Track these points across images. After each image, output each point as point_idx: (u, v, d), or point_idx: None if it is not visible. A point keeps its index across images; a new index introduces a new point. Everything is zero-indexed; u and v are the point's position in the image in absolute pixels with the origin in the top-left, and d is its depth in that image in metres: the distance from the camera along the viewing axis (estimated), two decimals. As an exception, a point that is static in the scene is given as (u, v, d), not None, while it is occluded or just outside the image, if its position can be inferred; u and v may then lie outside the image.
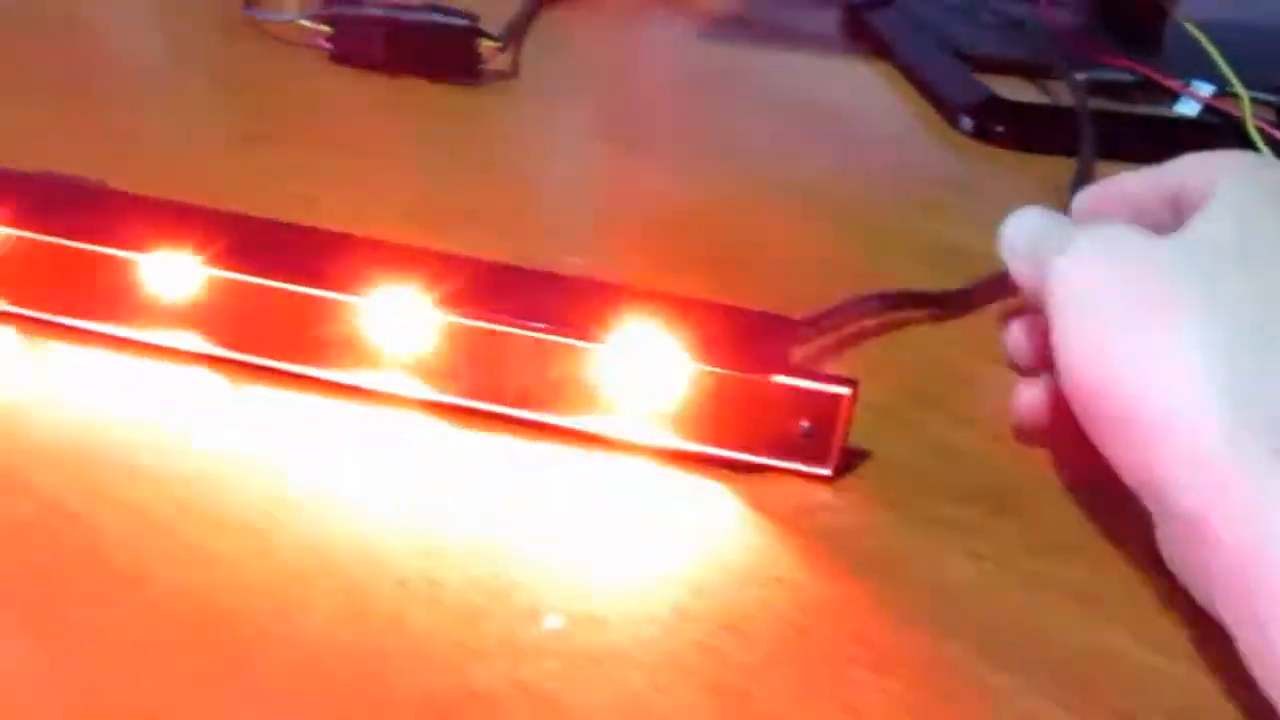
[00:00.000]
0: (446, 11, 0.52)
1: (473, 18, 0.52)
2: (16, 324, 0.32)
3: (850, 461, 0.29)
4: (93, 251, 0.31)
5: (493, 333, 0.29)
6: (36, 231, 0.31)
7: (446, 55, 0.52)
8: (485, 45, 0.53)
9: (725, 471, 0.29)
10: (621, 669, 0.24)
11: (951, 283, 0.38)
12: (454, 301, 0.29)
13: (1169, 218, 0.27)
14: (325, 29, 0.52)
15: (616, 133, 0.51)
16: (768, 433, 0.29)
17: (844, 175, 0.48)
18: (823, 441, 0.29)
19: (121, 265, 0.31)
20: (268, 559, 0.26)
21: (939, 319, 0.37)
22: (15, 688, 0.22)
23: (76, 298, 0.32)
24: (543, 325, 0.29)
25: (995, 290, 0.36)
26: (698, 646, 0.24)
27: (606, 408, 0.30)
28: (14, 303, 0.32)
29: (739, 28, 0.65)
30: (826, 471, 0.29)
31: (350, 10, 0.52)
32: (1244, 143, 0.49)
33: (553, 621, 0.25)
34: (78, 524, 0.26)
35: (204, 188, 0.34)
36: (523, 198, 0.44)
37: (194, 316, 0.31)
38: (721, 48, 0.62)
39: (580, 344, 0.29)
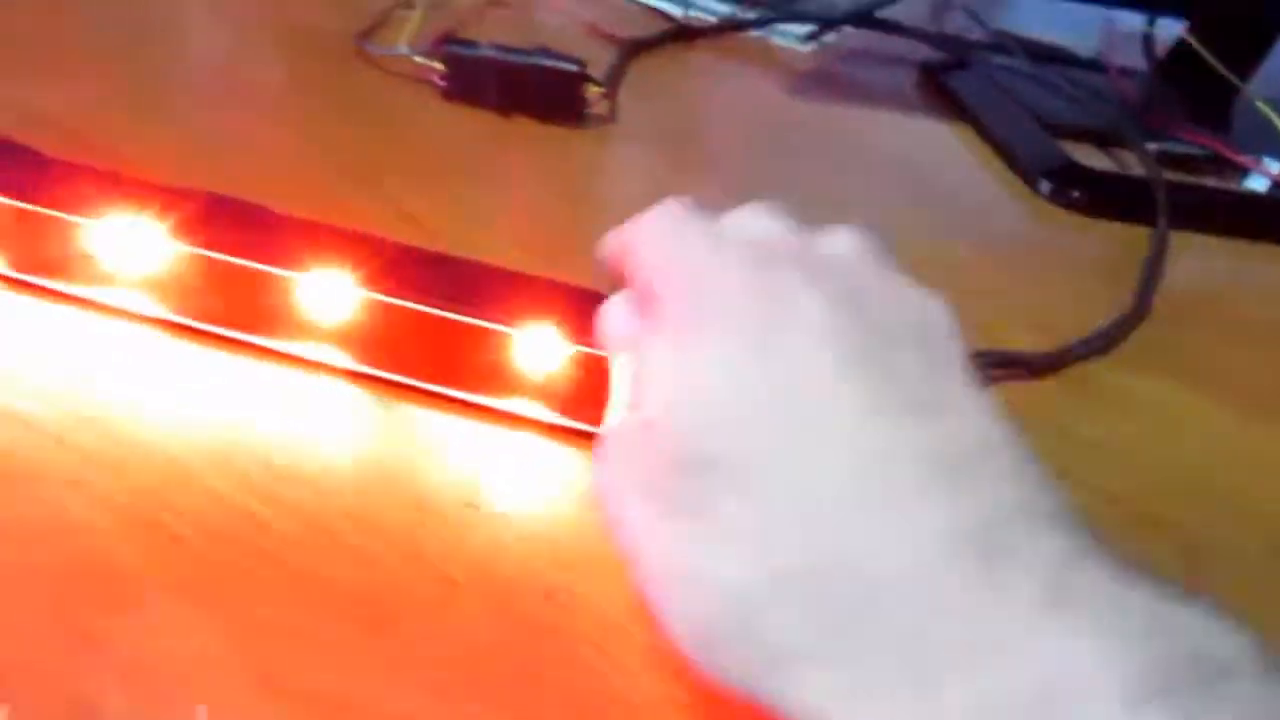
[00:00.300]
0: (556, 56, 0.56)
1: (581, 63, 0.56)
2: (185, 335, 0.36)
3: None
4: (253, 269, 0.34)
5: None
6: (202, 246, 0.34)
7: (554, 97, 0.56)
8: (591, 90, 0.56)
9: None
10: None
11: (1035, 343, 0.41)
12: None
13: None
14: (438, 66, 0.56)
15: (709, 179, 0.54)
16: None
17: (925, 232, 0.51)
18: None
19: (280, 283, 0.34)
20: (419, 562, 0.29)
21: (1026, 378, 0.40)
22: (209, 676, 0.26)
23: (235, 311, 0.35)
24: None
25: (1084, 353, 0.39)
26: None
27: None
28: (180, 314, 0.35)
29: (818, 83, 0.68)
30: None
31: (465, 51, 0.56)
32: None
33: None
34: (254, 524, 0.29)
35: (319, 210, 0.36)
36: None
37: (344, 335, 0.35)
38: (802, 102, 0.65)
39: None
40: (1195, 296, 0.49)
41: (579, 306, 0.33)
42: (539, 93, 0.56)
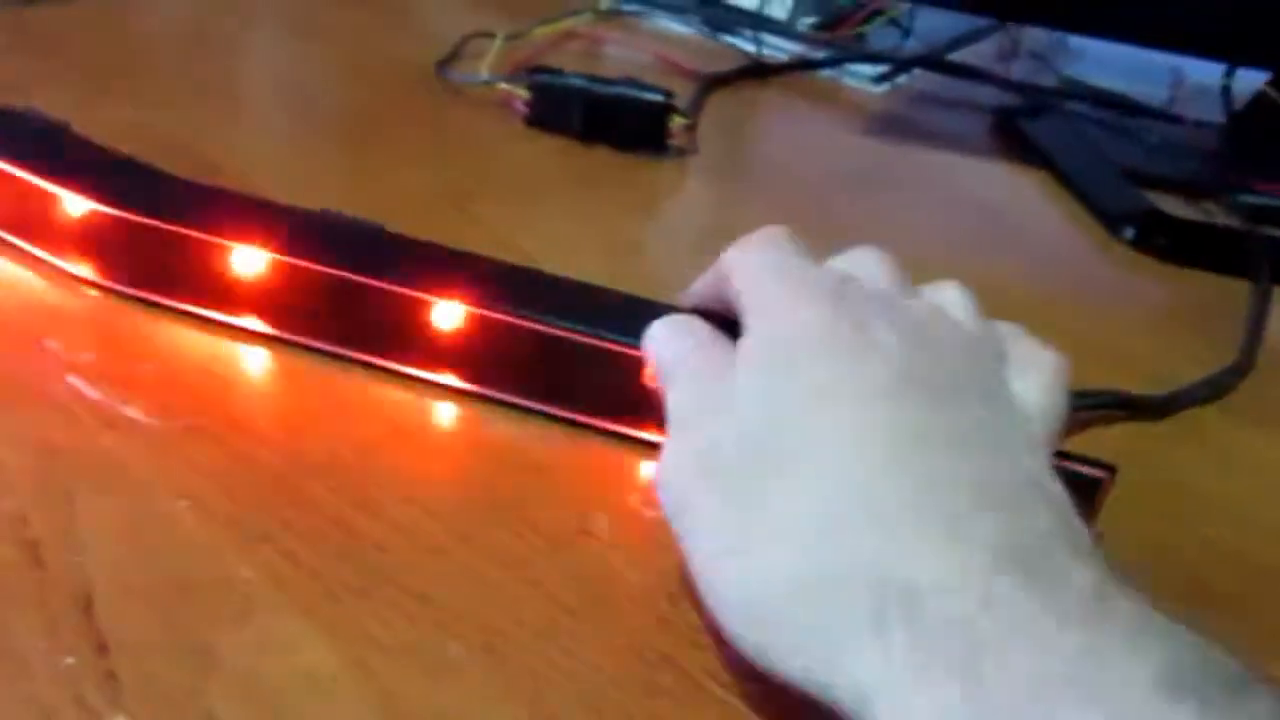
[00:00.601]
0: (642, 86, 0.56)
1: (669, 93, 0.56)
2: (299, 351, 0.36)
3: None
4: (370, 285, 0.34)
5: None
6: (320, 265, 0.35)
7: (638, 127, 0.56)
8: (675, 121, 0.56)
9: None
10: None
11: (1129, 386, 0.40)
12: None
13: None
14: (523, 94, 0.56)
15: (788, 217, 0.54)
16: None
17: (1007, 277, 0.50)
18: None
19: (397, 300, 0.34)
20: (538, 589, 0.29)
21: (1136, 419, 0.40)
22: (326, 694, 0.25)
23: (351, 328, 0.35)
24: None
25: (1194, 400, 0.39)
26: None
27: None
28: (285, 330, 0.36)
29: (891, 125, 0.68)
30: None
31: (552, 79, 0.56)
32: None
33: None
34: (368, 542, 0.29)
35: (412, 230, 0.37)
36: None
37: (458, 354, 0.35)
38: (876, 142, 0.65)
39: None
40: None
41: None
42: (623, 122, 0.56)
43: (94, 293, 0.37)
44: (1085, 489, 0.31)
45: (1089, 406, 0.38)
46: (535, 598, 0.28)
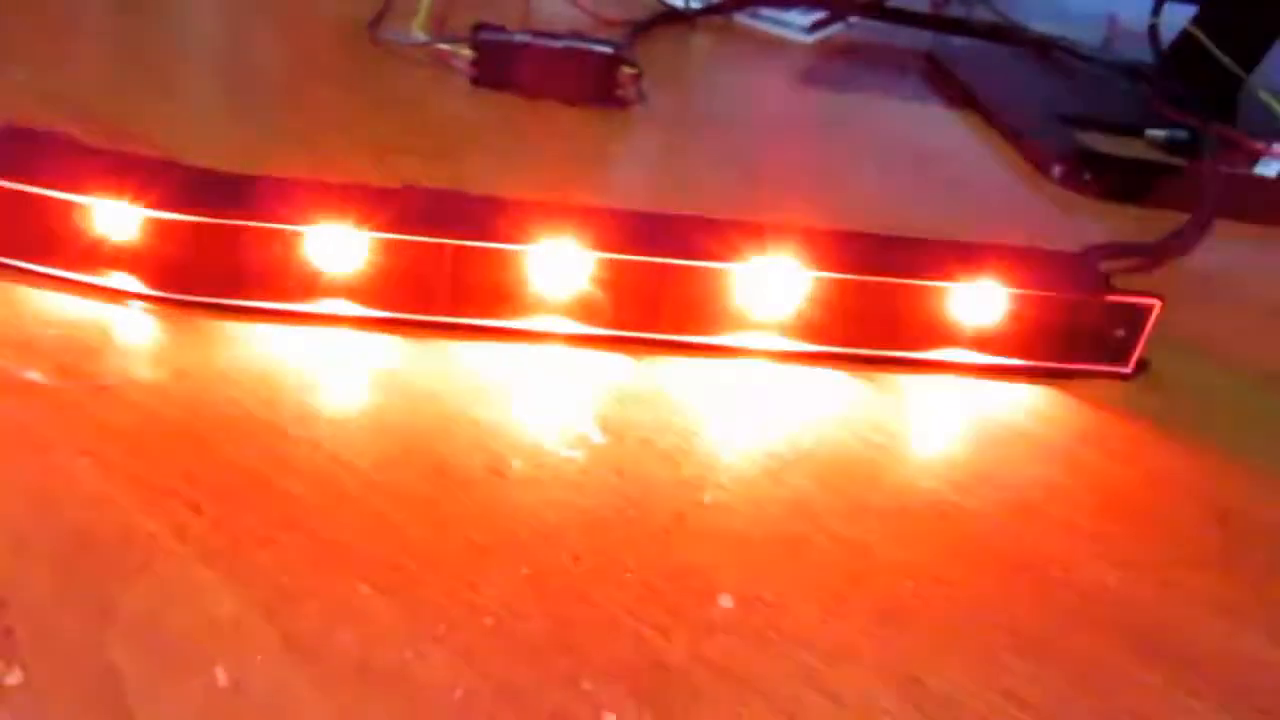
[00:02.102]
0: (590, 40, 0.56)
1: (617, 45, 0.56)
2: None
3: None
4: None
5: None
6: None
7: (587, 81, 0.55)
8: (624, 72, 0.56)
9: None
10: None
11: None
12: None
13: None
14: (466, 53, 0.55)
15: (732, 164, 0.54)
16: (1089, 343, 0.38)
17: (939, 217, 0.50)
18: (1131, 346, 0.38)
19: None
20: (443, 528, 0.28)
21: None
22: (229, 639, 0.25)
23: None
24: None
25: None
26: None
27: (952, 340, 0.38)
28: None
29: (826, 73, 0.68)
30: (1126, 371, 0.38)
31: (497, 37, 0.55)
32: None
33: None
34: (268, 489, 0.29)
35: None
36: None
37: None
38: (813, 89, 0.65)
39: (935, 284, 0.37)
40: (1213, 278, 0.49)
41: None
42: (572, 76, 0.55)
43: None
44: (1140, 315, 0.37)
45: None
46: (444, 538, 0.28)
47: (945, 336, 0.37)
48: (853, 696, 0.25)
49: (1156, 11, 0.66)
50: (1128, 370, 0.39)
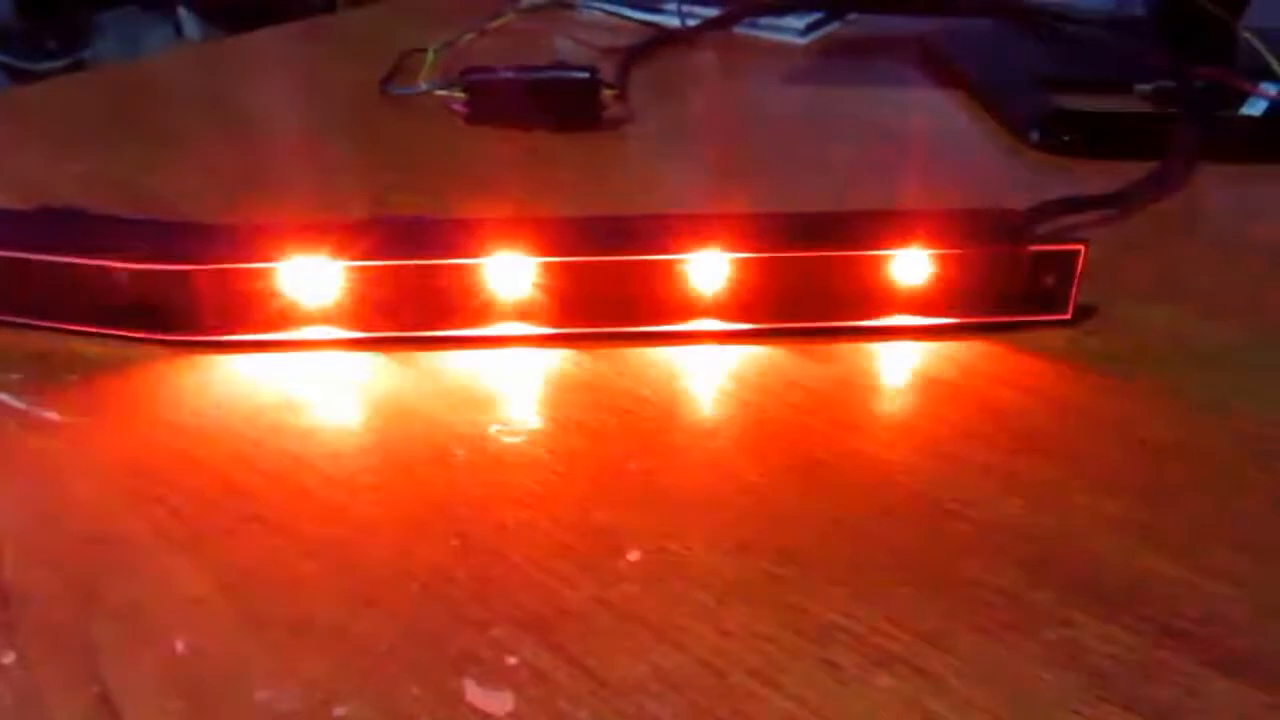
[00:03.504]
0: (568, 67, 0.60)
1: (593, 70, 0.60)
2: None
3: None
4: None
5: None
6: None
7: (572, 106, 0.60)
8: (606, 94, 0.60)
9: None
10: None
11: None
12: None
13: None
14: (460, 95, 0.60)
15: (720, 164, 0.57)
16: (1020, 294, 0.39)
17: (925, 193, 0.52)
18: (1064, 293, 0.39)
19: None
20: (392, 510, 0.32)
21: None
22: (193, 615, 0.29)
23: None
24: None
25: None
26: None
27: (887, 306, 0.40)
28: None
29: (819, 70, 0.70)
30: (1066, 317, 0.40)
31: (484, 76, 0.60)
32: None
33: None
34: (235, 490, 0.33)
35: None
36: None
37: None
38: (804, 88, 0.67)
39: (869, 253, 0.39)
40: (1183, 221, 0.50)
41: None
42: (557, 103, 0.60)
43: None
44: (1067, 261, 0.39)
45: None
46: (385, 517, 0.32)
47: (880, 303, 0.39)
48: (737, 627, 0.28)
49: (1148, -33, 0.67)
50: (1067, 316, 0.40)
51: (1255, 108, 0.56)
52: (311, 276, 0.39)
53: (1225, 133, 0.55)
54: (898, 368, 0.39)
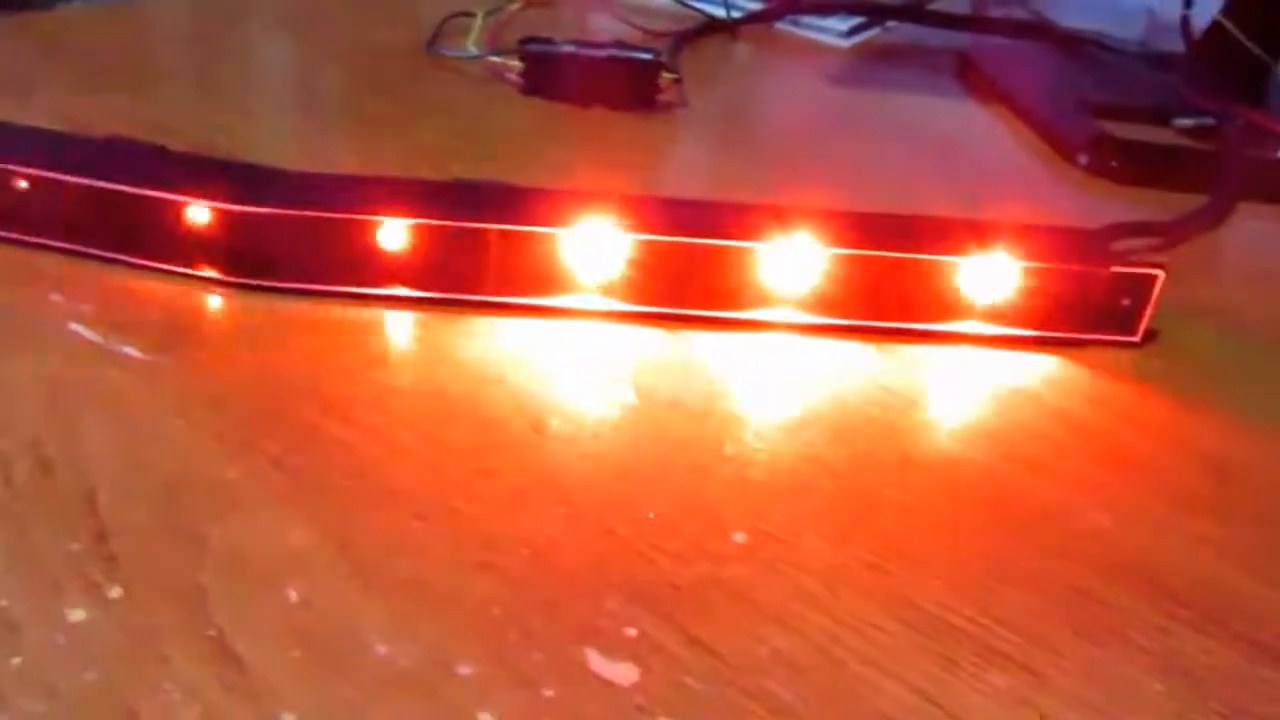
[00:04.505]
0: (630, 48, 0.60)
1: (656, 52, 0.59)
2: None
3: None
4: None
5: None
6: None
7: (630, 87, 0.59)
8: (664, 78, 0.59)
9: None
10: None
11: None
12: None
13: None
14: (516, 64, 0.59)
15: (770, 160, 0.57)
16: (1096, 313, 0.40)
17: (971, 205, 0.52)
18: (1138, 315, 0.40)
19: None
20: (495, 479, 0.32)
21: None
22: (303, 566, 0.29)
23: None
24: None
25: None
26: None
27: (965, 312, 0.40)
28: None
29: (862, 73, 0.71)
30: (1135, 339, 0.41)
31: (543, 48, 0.59)
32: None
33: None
34: (336, 443, 0.33)
35: None
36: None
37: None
38: (848, 90, 0.68)
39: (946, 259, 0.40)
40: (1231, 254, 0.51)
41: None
42: (615, 83, 0.59)
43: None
44: (1144, 285, 0.40)
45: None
46: (489, 483, 0.32)
47: (959, 309, 0.40)
48: (847, 615, 0.28)
49: (1189, 4, 0.68)
50: (1136, 339, 0.41)
51: (1293, 151, 0.57)
52: (394, 233, 0.38)
53: (1263, 174, 0.56)
54: (974, 373, 0.39)
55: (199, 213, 0.38)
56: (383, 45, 0.67)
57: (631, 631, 0.27)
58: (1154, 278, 0.39)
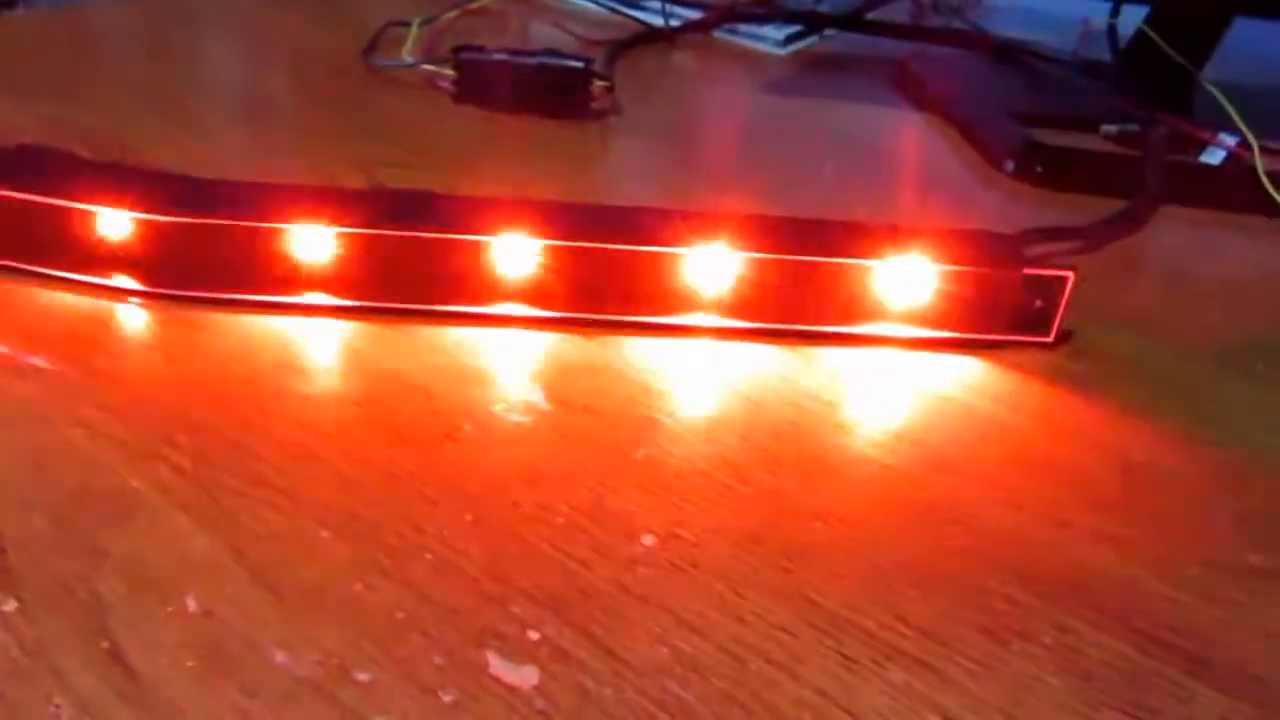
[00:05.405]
0: (562, 55, 0.60)
1: (588, 60, 0.59)
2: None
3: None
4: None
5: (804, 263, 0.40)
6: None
7: (563, 94, 0.59)
8: (596, 86, 0.60)
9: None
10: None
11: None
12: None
13: None
14: (449, 72, 0.59)
15: (703, 167, 0.58)
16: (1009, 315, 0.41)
17: (902, 210, 0.53)
18: (1050, 316, 0.41)
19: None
20: (404, 485, 0.32)
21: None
22: (201, 573, 0.28)
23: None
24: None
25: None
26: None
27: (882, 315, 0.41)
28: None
29: (799, 81, 0.71)
30: (1049, 340, 0.41)
31: (476, 56, 0.60)
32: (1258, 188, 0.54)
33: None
34: (241, 451, 0.33)
35: None
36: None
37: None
38: (783, 98, 0.68)
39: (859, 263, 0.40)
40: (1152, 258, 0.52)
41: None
42: (547, 90, 0.59)
43: None
44: (1055, 287, 0.40)
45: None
46: (398, 490, 0.32)
47: (874, 312, 0.40)
48: (753, 617, 0.28)
49: (1115, 13, 0.69)
50: (1049, 339, 0.41)
51: (1213, 157, 0.58)
52: (312, 241, 0.38)
53: (1185, 178, 0.57)
54: (889, 376, 0.40)
55: (111, 222, 0.38)
56: (321, 52, 0.67)
57: (534, 635, 0.27)
58: (1065, 279, 0.40)
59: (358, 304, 0.39)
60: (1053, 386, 0.40)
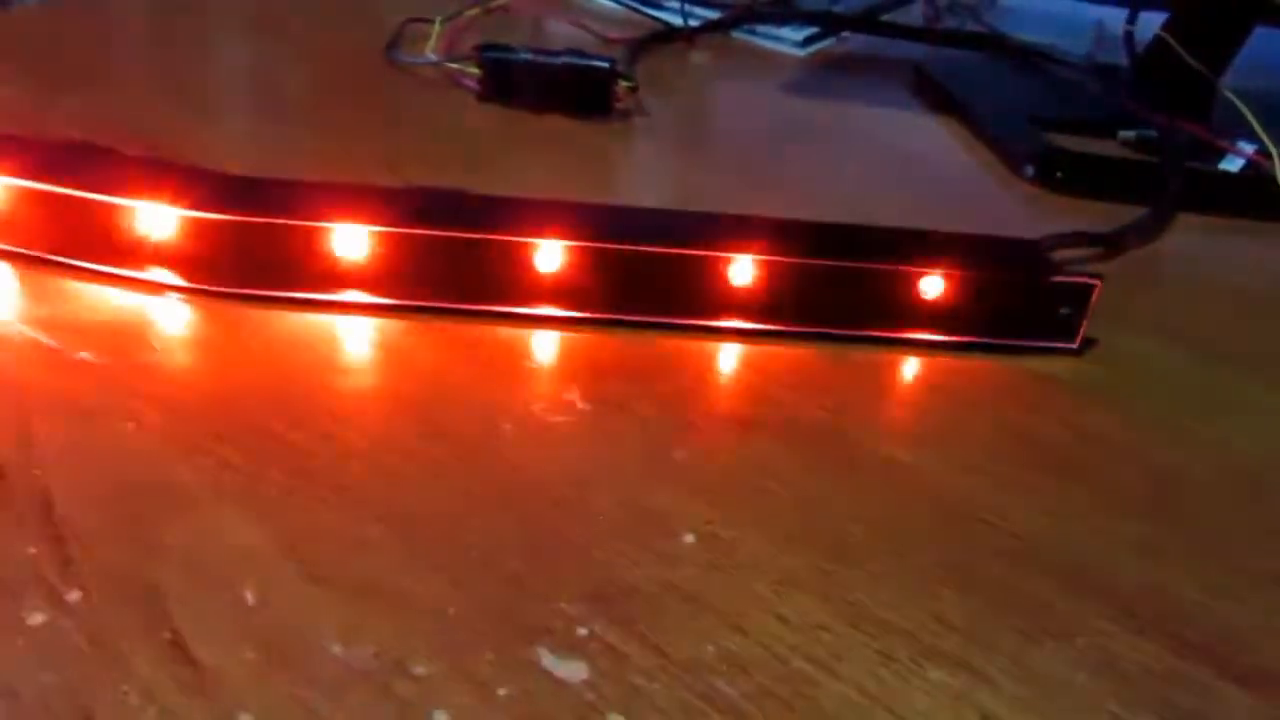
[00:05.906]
0: (587, 56, 0.60)
1: (613, 60, 0.60)
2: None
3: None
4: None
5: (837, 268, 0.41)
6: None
7: (587, 94, 0.60)
8: (620, 86, 0.60)
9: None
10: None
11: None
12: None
13: None
14: (474, 70, 0.60)
15: (725, 168, 0.58)
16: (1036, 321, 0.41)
17: (919, 213, 0.53)
18: (1076, 323, 0.41)
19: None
20: (448, 482, 0.32)
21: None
22: (256, 567, 0.29)
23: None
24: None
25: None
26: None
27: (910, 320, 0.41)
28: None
29: (818, 83, 0.72)
30: (1073, 346, 0.42)
31: (501, 55, 0.60)
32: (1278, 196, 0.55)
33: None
34: (288, 447, 0.33)
35: None
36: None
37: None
38: (803, 99, 0.69)
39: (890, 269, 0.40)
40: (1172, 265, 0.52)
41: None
42: (571, 90, 0.60)
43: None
44: (1082, 294, 0.41)
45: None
46: (441, 487, 0.32)
47: (904, 317, 0.41)
48: (796, 616, 0.29)
49: (1132, 19, 0.70)
50: (1074, 345, 0.42)
51: (1232, 164, 0.59)
52: (352, 240, 0.39)
53: (1203, 185, 0.58)
54: (918, 379, 0.41)
55: (157, 218, 0.38)
56: (342, 48, 0.68)
57: (583, 631, 0.28)
58: (1092, 287, 0.41)
59: (395, 302, 0.40)
60: (1076, 392, 0.40)
